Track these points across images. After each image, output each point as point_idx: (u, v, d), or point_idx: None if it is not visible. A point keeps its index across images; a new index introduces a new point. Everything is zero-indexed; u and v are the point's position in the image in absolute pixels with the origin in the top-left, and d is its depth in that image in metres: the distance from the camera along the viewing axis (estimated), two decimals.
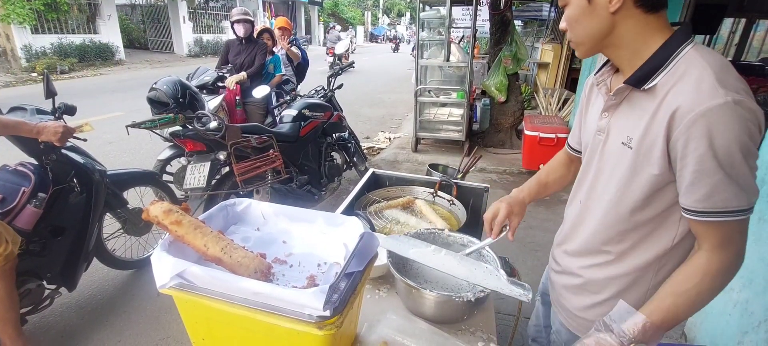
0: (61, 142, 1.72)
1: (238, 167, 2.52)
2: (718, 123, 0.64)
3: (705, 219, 0.71)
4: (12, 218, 1.65)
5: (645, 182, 0.77)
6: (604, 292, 0.91)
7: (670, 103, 0.69)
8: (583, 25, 0.77)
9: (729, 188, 0.67)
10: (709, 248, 0.73)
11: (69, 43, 11.02)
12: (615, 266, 0.88)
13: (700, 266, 0.74)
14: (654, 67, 0.73)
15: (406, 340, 0.95)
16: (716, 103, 0.64)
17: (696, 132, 0.66)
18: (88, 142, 2.08)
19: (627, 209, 0.81)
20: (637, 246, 0.84)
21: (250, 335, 0.77)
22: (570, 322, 1.01)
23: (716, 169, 0.66)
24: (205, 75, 3.70)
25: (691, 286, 0.74)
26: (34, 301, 1.86)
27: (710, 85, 0.65)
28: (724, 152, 0.65)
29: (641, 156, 0.76)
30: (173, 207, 0.80)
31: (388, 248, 1.08)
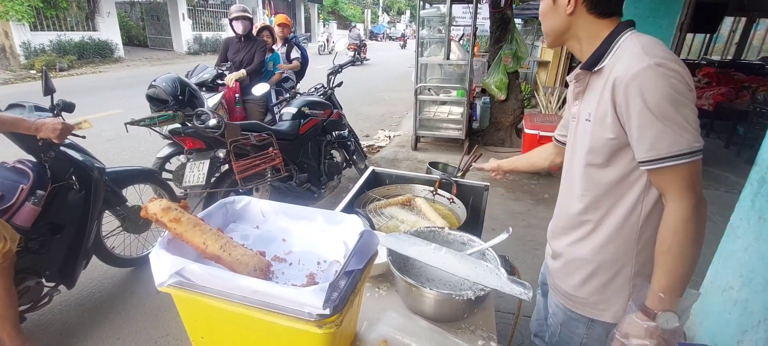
0: (59, 140, 1.71)
1: (238, 165, 2.51)
2: (646, 81, 0.77)
3: (656, 166, 0.80)
4: (10, 216, 1.64)
5: (603, 146, 0.88)
6: (591, 264, 0.99)
7: (612, 76, 0.83)
8: (549, 21, 0.94)
9: (668, 135, 0.77)
10: (671, 199, 0.83)
11: (68, 40, 10.99)
12: (596, 235, 0.97)
13: (669, 217, 0.83)
14: (601, 52, 0.88)
15: (406, 338, 0.95)
16: (642, 66, 0.77)
17: (631, 93, 0.79)
18: (87, 140, 2.07)
19: (593, 173, 0.93)
20: (610, 212, 0.94)
21: (250, 334, 0.77)
22: (567, 302, 1.07)
23: (653, 121, 0.78)
24: (204, 72, 3.69)
25: (670, 240, 0.82)
26: (33, 298, 1.86)
27: (637, 55, 0.79)
28: (656, 105, 0.77)
29: (597, 125, 0.88)
30: (172, 205, 0.80)
31: (388, 246, 1.08)
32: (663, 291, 0.83)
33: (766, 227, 1.62)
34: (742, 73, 7.23)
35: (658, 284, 0.84)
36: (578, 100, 0.97)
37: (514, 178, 4.26)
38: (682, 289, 0.83)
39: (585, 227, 0.99)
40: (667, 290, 0.83)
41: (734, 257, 1.77)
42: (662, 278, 0.83)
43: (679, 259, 0.81)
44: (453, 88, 5.12)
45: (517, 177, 4.27)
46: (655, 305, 0.84)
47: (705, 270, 1.95)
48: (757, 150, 1.73)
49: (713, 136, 6.05)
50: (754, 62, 9.23)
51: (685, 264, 0.82)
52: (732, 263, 1.78)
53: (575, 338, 1.07)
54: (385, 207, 1.57)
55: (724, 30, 10.94)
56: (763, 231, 1.63)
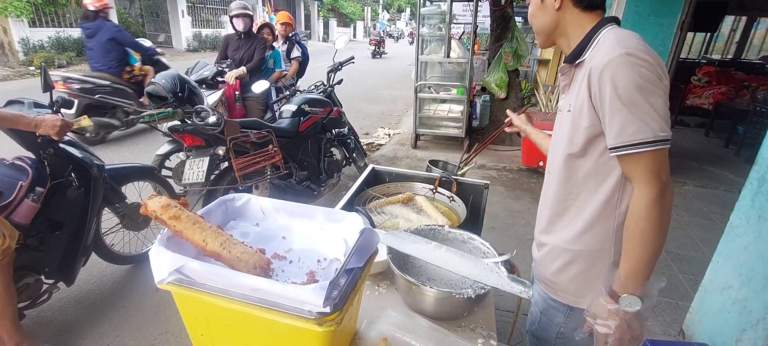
0: (58, 136, 1.70)
1: (237, 162, 2.51)
2: (616, 70, 0.80)
3: (623, 153, 0.83)
4: (9, 213, 1.64)
5: (581, 134, 0.91)
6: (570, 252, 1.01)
7: (588, 69, 0.86)
8: (538, 19, 0.97)
9: (634, 123, 0.80)
10: (637, 186, 0.85)
11: (67, 36, 10.95)
12: (575, 224, 0.99)
13: (634, 204, 0.86)
14: (582, 46, 0.92)
15: (406, 337, 0.94)
16: (613, 56, 0.81)
17: (603, 80, 0.82)
18: (87, 137, 2.06)
19: (571, 163, 0.96)
20: (588, 200, 0.96)
21: (250, 331, 0.77)
22: (547, 289, 1.09)
23: (621, 108, 0.80)
24: (204, 70, 3.68)
25: (634, 225, 0.85)
26: (32, 295, 1.86)
27: (610, 46, 0.83)
28: (624, 92, 0.79)
29: (576, 115, 0.91)
30: (172, 202, 0.80)
31: (389, 244, 1.08)
32: (627, 275, 0.86)
33: (765, 226, 1.62)
34: (743, 72, 7.22)
35: (623, 268, 0.87)
36: (564, 93, 1.00)
37: (513, 176, 4.26)
38: (646, 273, 0.86)
39: (565, 216, 1.01)
40: (631, 274, 0.86)
41: (734, 256, 1.77)
42: (626, 263, 0.87)
43: (643, 244, 0.84)
44: (453, 86, 5.11)
45: (516, 176, 4.27)
46: (620, 289, 0.87)
47: (704, 269, 1.95)
48: (757, 149, 1.73)
49: (713, 136, 6.05)
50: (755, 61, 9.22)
51: (649, 249, 0.84)
52: (731, 262, 1.78)
53: (553, 326, 1.09)
54: (385, 205, 1.57)
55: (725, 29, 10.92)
56: (763, 230, 1.63)
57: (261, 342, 0.78)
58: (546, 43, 1.01)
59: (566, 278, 1.03)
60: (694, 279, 2.42)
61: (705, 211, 3.59)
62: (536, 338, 1.17)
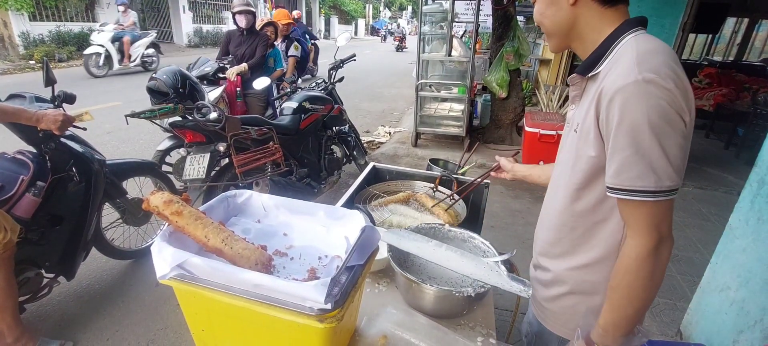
0: (60, 131, 1.71)
1: (238, 159, 2.51)
2: (628, 100, 0.66)
3: (616, 196, 0.72)
4: (10, 206, 1.64)
5: (585, 164, 0.79)
6: (565, 284, 0.92)
7: (600, 86, 0.73)
8: (550, 17, 0.81)
9: (635, 166, 0.68)
10: (630, 234, 0.74)
11: (67, 30, 10.91)
12: (572, 257, 0.89)
13: (625, 253, 0.75)
14: (598, 55, 0.77)
15: (406, 334, 0.95)
16: (628, 82, 0.67)
17: (611, 109, 0.69)
18: (87, 132, 2.07)
19: (572, 192, 0.83)
20: (593, 235, 0.85)
21: (251, 327, 0.77)
22: (539, 312, 1.03)
23: (625, 146, 0.68)
24: (206, 66, 3.67)
25: (621, 276, 0.75)
26: (33, 289, 1.86)
27: (628, 66, 0.68)
28: (631, 128, 0.67)
29: (581, 139, 0.79)
30: (174, 197, 0.80)
31: (389, 242, 1.08)
32: (606, 327, 0.78)
33: (764, 229, 1.63)
34: (744, 74, 7.23)
35: (603, 318, 0.79)
36: (574, 104, 0.87)
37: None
38: (627, 328, 0.77)
39: (566, 243, 0.90)
40: (610, 326, 0.77)
41: (732, 258, 1.78)
42: (608, 314, 0.78)
43: (627, 298, 0.75)
44: (454, 85, 5.10)
45: None
46: (597, 339, 0.80)
47: (703, 270, 1.96)
48: (757, 151, 1.74)
49: (713, 137, 6.06)
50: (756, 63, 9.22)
51: (632, 305, 0.75)
52: (730, 263, 1.79)
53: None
54: (386, 204, 1.57)
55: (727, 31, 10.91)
56: (762, 232, 1.63)
57: (262, 338, 0.79)
58: (560, 46, 0.85)
59: (559, 307, 0.95)
60: (692, 280, 2.43)
61: (704, 212, 3.60)
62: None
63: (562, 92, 6.09)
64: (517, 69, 4.94)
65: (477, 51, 6.08)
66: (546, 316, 1.00)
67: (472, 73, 4.86)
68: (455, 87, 5.08)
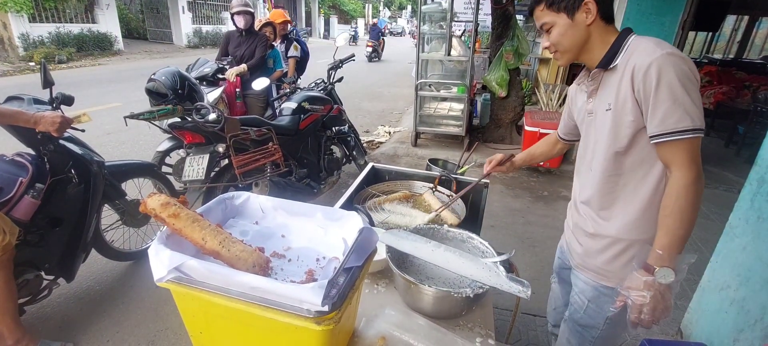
0: (58, 133, 1.70)
1: (237, 160, 2.51)
2: (662, 66, 0.89)
3: (664, 139, 0.92)
4: (9, 209, 1.64)
5: (626, 128, 0.99)
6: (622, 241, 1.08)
7: (629, 68, 0.95)
8: (569, 38, 1.03)
9: (675, 113, 0.89)
10: (675, 169, 0.94)
11: (67, 32, 10.93)
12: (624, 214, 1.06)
13: (672, 185, 0.94)
14: (613, 52, 1.01)
15: (405, 335, 0.95)
16: (658, 55, 0.90)
17: (649, 75, 0.90)
18: (86, 134, 2.06)
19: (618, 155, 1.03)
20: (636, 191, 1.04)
21: (248, 330, 0.77)
22: (599, 277, 1.15)
23: (665, 99, 0.89)
24: (205, 67, 3.67)
25: (672, 203, 0.93)
26: (32, 291, 1.86)
27: (651, 47, 0.93)
28: (668, 85, 0.89)
29: (618, 111, 0.99)
30: (171, 200, 0.80)
31: (388, 243, 1.08)
32: (662, 249, 0.94)
33: (764, 227, 1.62)
34: (744, 72, 7.21)
35: (659, 242, 0.95)
36: (592, 97, 1.08)
37: (513, 175, 4.26)
38: (679, 248, 0.94)
39: (614, 206, 1.08)
40: (666, 248, 0.93)
41: (732, 256, 1.77)
42: (663, 238, 0.94)
43: (679, 221, 0.92)
44: (454, 84, 5.10)
45: (516, 174, 4.27)
46: (655, 262, 0.94)
47: (702, 269, 1.95)
48: (758, 149, 1.73)
49: (713, 135, 6.04)
50: (756, 61, 9.20)
51: (684, 226, 0.93)
52: (730, 262, 1.78)
53: (603, 312, 1.15)
54: (384, 203, 1.57)
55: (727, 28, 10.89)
56: (762, 231, 1.63)
57: (259, 340, 0.78)
58: (571, 60, 1.07)
59: (619, 264, 1.09)
60: (692, 279, 2.42)
61: (704, 210, 3.59)
62: (580, 325, 1.22)
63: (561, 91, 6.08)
64: (517, 68, 4.93)
65: (476, 50, 6.08)
66: (608, 276, 1.13)
67: (472, 73, 4.85)
68: (455, 86, 5.07)
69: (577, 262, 1.21)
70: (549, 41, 1.07)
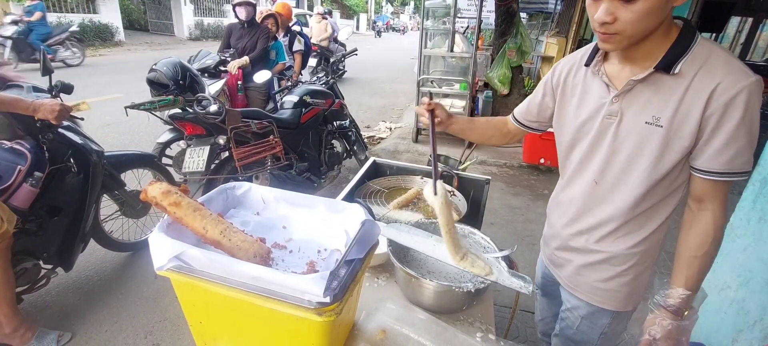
0: (57, 121, 1.69)
1: (238, 152, 2.50)
2: (752, 97, 0.77)
3: (724, 179, 0.83)
4: (8, 197, 1.64)
5: (676, 153, 0.85)
6: (629, 261, 0.99)
7: (704, 83, 0.79)
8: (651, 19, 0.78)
9: (746, 153, 0.81)
10: (714, 207, 0.86)
11: (68, 22, 10.85)
12: (635, 236, 0.97)
13: (709, 224, 0.86)
14: (677, 54, 0.82)
15: (405, 329, 0.94)
16: (751, 81, 0.77)
17: (735, 104, 0.77)
18: (87, 124, 2.06)
19: (657, 181, 0.89)
20: (654, 212, 0.94)
21: (249, 320, 0.77)
22: (592, 296, 1.05)
23: (744, 136, 0.79)
24: (207, 58, 3.66)
25: (708, 245, 0.87)
26: (30, 280, 1.86)
27: (740, 68, 0.78)
28: (751, 122, 0.79)
29: (673, 131, 0.84)
30: (172, 188, 0.79)
31: (389, 236, 1.07)
32: (691, 290, 0.88)
33: (766, 228, 1.62)
34: None
35: (688, 282, 0.88)
36: (622, 97, 0.88)
37: (514, 173, 4.25)
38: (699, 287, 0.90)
39: (627, 227, 0.96)
40: (695, 289, 0.88)
41: (732, 257, 1.77)
42: (693, 279, 0.88)
43: (709, 262, 0.88)
44: (456, 81, 5.08)
45: (517, 172, 4.26)
46: (681, 304, 0.88)
47: None
48: (760, 151, 1.73)
49: None
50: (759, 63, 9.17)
51: (711, 266, 0.89)
52: (730, 262, 1.78)
53: (596, 328, 1.09)
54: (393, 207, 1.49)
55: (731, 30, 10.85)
56: (763, 232, 1.62)
57: (260, 331, 0.78)
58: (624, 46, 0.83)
59: (616, 284, 1.01)
60: None
61: None
62: (574, 342, 1.14)
63: None
64: (520, 66, 4.92)
65: (479, 47, 6.05)
66: (603, 297, 1.04)
67: (474, 70, 4.83)
68: (457, 83, 5.06)
69: (566, 279, 1.11)
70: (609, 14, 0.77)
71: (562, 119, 1.04)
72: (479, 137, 1.27)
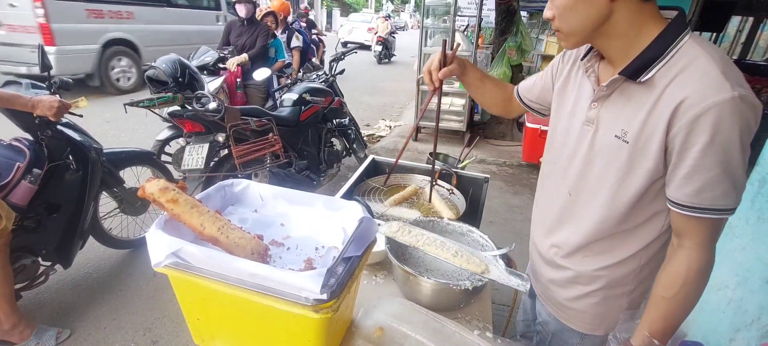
0: (56, 118, 1.69)
1: (237, 150, 2.50)
2: (725, 118, 0.63)
3: (692, 214, 0.70)
4: (6, 194, 1.63)
5: (641, 176, 0.75)
6: (595, 283, 0.91)
7: (673, 96, 0.66)
8: (578, 13, 0.71)
9: (721, 185, 0.67)
10: (690, 246, 0.74)
11: None
12: (605, 258, 0.88)
13: (683, 266, 0.74)
14: (650, 58, 0.70)
15: (402, 326, 0.94)
16: (724, 98, 0.62)
17: (701, 124, 0.64)
18: (85, 121, 2.05)
19: (624, 203, 0.79)
20: (628, 237, 0.84)
21: (246, 317, 0.77)
22: (560, 313, 1.00)
23: (714, 165, 0.66)
24: (206, 55, 3.65)
25: (678, 288, 0.75)
26: (29, 277, 1.86)
27: (717, 79, 0.63)
28: (725, 149, 0.64)
29: (638, 150, 0.73)
30: (170, 185, 0.79)
31: (387, 234, 1.07)
32: (656, 335, 0.78)
33: (764, 228, 1.62)
34: (748, 73, 7.16)
35: (652, 326, 0.78)
36: (598, 103, 0.80)
37: (513, 171, 4.25)
38: (672, 334, 0.79)
39: (594, 248, 0.88)
40: (660, 335, 0.78)
41: (730, 257, 1.77)
42: (658, 323, 0.78)
43: (681, 308, 0.77)
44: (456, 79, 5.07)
45: (516, 171, 4.26)
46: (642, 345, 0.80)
47: None
48: (760, 150, 1.73)
49: None
50: (760, 63, 9.17)
51: (685, 313, 0.77)
52: (728, 262, 1.78)
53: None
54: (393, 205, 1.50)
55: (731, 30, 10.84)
56: (762, 231, 1.63)
57: (257, 327, 0.78)
58: (579, 43, 0.78)
59: (584, 304, 0.94)
60: None
61: None
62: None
63: None
64: (520, 64, 4.91)
65: (479, 46, 6.04)
66: (569, 315, 0.98)
67: None
68: (456, 81, 5.05)
69: (539, 290, 1.06)
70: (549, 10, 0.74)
71: (556, 114, 0.94)
72: (483, 98, 1.13)
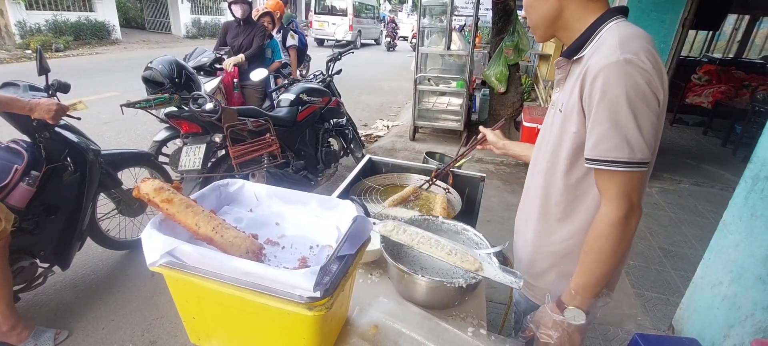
0: (54, 120, 1.70)
1: (234, 150, 2.50)
2: (610, 77, 0.73)
3: (594, 166, 0.79)
4: (5, 196, 1.64)
5: (568, 140, 0.85)
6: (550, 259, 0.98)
7: (587, 66, 0.79)
8: (537, 10, 0.88)
9: (612, 138, 0.74)
10: (603, 202, 0.81)
11: (64, 20, 10.81)
12: (558, 233, 0.95)
13: (598, 219, 0.82)
14: (583, 40, 0.83)
15: (397, 324, 0.95)
16: (610, 60, 0.73)
17: (595, 85, 0.75)
18: (83, 122, 2.05)
19: (560, 170, 0.89)
20: (574, 208, 0.92)
21: (241, 315, 0.77)
22: (527, 291, 1.07)
23: (604, 120, 0.75)
24: (202, 56, 3.65)
25: (594, 241, 0.82)
26: (27, 278, 1.86)
27: (611, 48, 0.75)
28: (611, 103, 0.74)
29: (566, 117, 0.85)
30: (164, 185, 0.80)
31: (381, 232, 1.08)
32: (577, 289, 0.85)
33: (758, 224, 1.63)
34: (743, 71, 7.21)
35: (575, 281, 0.85)
36: (559, 87, 0.93)
37: (510, 170, 4.27)
38: (596, 290, 0.84)
39: (547, 220, 0.96)
40: (580, 288, 0.84)
41: (725, 253, 1.79)
42: (579, 276, 0.85)
43: (598, 261, 0.81)
44: (453, 79, 5.08)
45: (513, 170, 4.27)
46: (567, 300, 0.86)
47: (696, 266, 1.97)
48: (752, 149, 1.74)
49: (711, 134, 6.06)
50: (756, 61, 9.20)
51: (602, 267, 0.81)
52: (722, 259, 1.80)
53: None
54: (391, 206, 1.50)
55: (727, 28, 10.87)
56: (755, 228, 1.64)
57: (252, 325, 0.79)
58: (545, 36, 0.92)
59: (547, 281, 1.00)
60: (685, 276, 2.44)
61: (700, 209, 3.61)
62: None
63: None
64: (517, 64, 4.91)
65: (476, 45, 6.05)
66: (535, 292, 1.05)
67: (471, 68, 4.83)
68: (454, 81, 5.06)
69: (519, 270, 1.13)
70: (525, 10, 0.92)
71: None
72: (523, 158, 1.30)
